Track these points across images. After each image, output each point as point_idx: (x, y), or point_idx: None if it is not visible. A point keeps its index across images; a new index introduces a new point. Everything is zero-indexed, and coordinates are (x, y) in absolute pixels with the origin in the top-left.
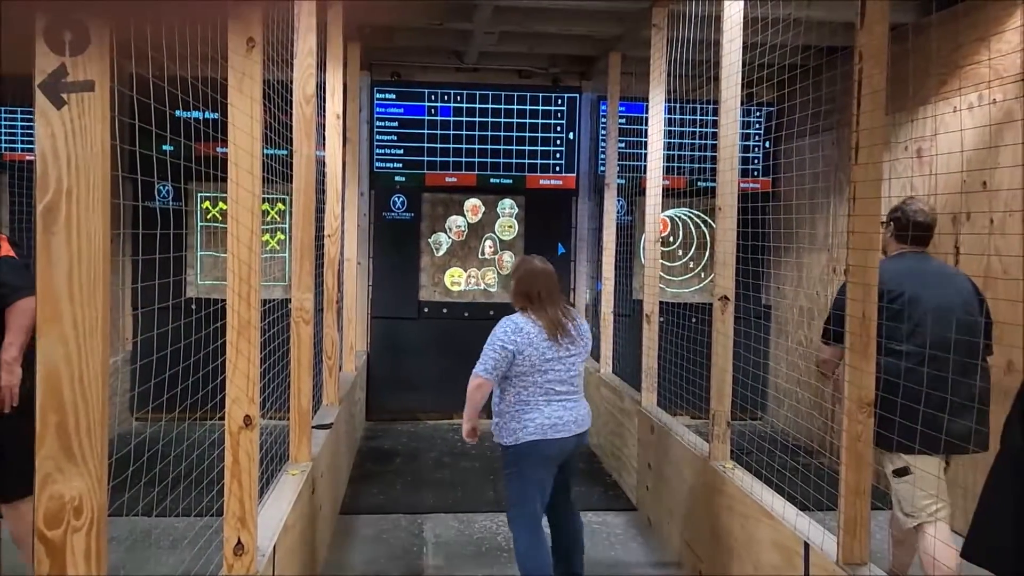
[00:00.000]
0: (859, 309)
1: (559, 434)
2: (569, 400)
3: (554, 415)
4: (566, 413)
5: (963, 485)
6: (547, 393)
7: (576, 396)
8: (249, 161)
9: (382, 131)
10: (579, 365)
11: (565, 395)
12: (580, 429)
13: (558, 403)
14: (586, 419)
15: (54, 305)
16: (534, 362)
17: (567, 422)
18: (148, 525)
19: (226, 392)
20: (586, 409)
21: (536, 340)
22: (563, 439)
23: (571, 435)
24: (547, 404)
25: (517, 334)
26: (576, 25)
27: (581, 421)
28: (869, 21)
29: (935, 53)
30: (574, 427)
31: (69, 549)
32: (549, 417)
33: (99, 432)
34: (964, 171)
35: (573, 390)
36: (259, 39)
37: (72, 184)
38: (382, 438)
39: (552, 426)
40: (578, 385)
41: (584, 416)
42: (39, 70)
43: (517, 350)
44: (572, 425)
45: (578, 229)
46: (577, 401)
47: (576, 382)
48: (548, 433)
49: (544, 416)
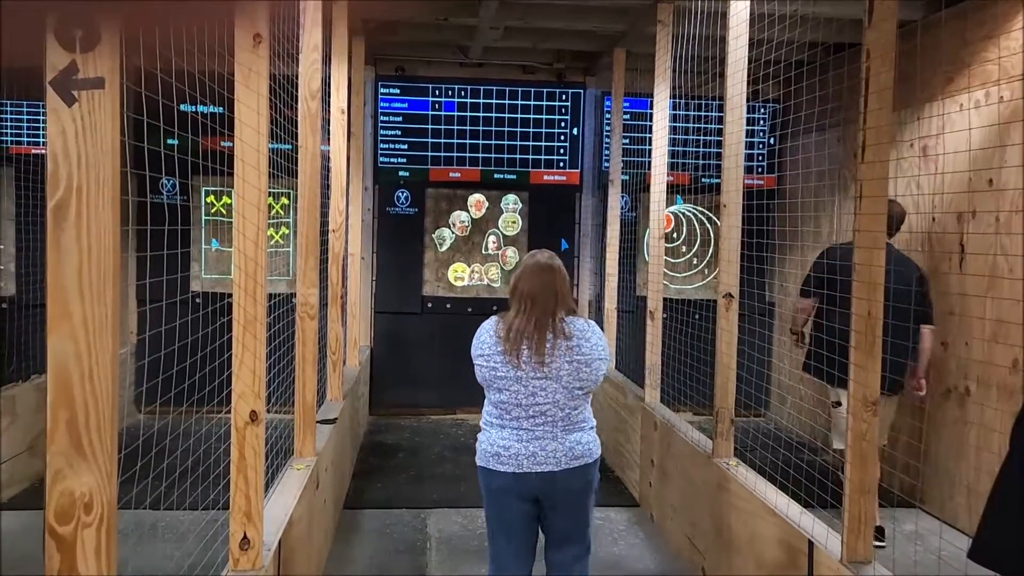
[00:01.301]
0: (865, 308)
1: (503, 466)
2: (531, 431)
3: (499, 443)
4: (518, 445)
5: (968, 484)
6: (502, 416)
7: (541, 431)
8: (255, 157)
9: (386, 126)
10: (552, 394)
11: (527, 425)
12: (540, 467)
13: (512, 430)
14: (559, 458)
15: (64, 302)
16: (485, 375)
17: (516, 455)
18: (154, 518)
19: (232, 388)
20: (564, 448)
21: (488, 351)
22: (515, 475)
23: (528, 471)
24: (500, 428)
25: (476, 338)
26: (580, 21)
27: (545, 459)
28: (877, 19)
29: (942, 50)
30: (528, 463)
31: (79, 544)
32: (493, 444)
33: (109, 428)
34: (970, 170)
35: (540, 423)
36: (266, 35)
37: (82, 181)
38: (385, 433)
39: (495, 455)
40: (554, 418)
41: (555, 454)
42: (50, 67)
43: (474, 356)
44: (524, 460)
45: (582, 225)
46: (542, 437)
47: (548, 413)
48: (491, 463)
49: (490, 442)
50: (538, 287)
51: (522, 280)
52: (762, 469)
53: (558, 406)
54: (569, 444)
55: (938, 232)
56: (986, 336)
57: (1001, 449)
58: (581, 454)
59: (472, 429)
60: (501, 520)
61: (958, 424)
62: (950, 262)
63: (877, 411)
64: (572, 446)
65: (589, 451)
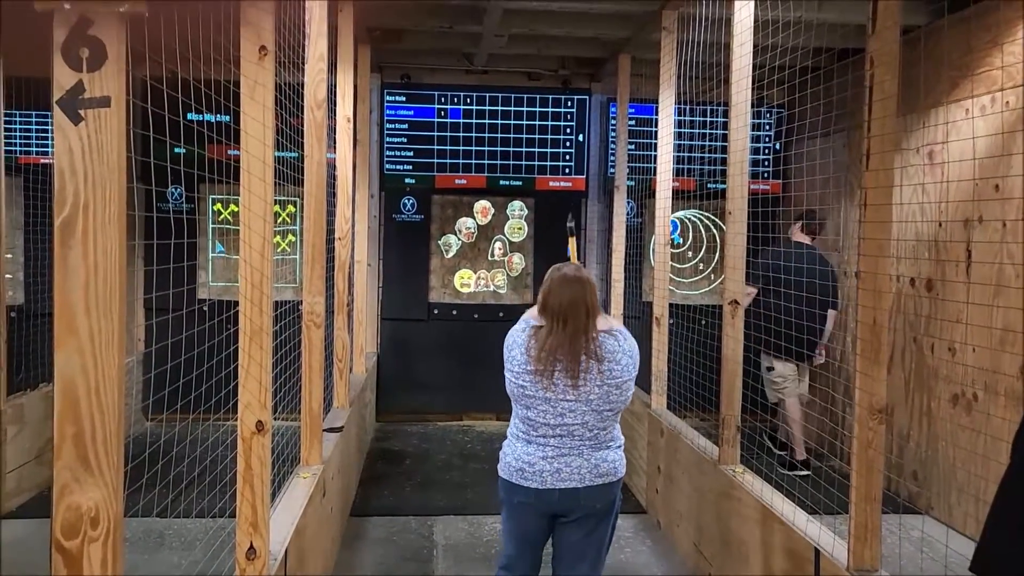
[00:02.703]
0: (870, 315)
1: (528, 482)
2: (557, 448)
3: (524, 458)
4: (543, 462)
5: (974, 493)
6: (528, 432)
7: (570, 447)
8: (261, 168)
9: (392, 133)
10: (582, 416)
11: (553, 443)
12: (563, 483)
13: (539, 447)
14: (583, 475)
15: (71, 318)
16: (514, 390)
17: (540, 471)
18: (161, 527)
19: (239, 398)
20: (589, 466)
21: (518, 368)
22: (537, 491)
23: (551, 488)
24: (526, 443)
25: (507, 350)
26: (585, 28)
27: (569, 475)
28: (881, 26)
29: (947, 56)
30: (552, 479)
31: (86, 559)
32: (519, 459)
33: (115, 443)
34: (976, 177)
35: (567, 441)
36: (271, 47)
37: (89, 199)
38: (392, 439)
39: (519, 470)
40: (582, 437)
41: (579, 470)
42: (57, 86)
43: (505, 367)
44: (548, 476)
45: (587, 231)
46: (568, 454)
47: (576, 433)
48: (514, 477)
49: (515, 456)
50: (568, 302)
51: (552, 295)
52: (768, 476)
53: (587, 427)
54: (595, 461)
55: (944, 239)
56: (992, 343)
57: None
58: (606, 472)
59: (479, 435)
60: (518, 531)
61: (965, 431)
62: (956, 269)
63: (883, 418)
64: (598, 463)
65: (614, 469)
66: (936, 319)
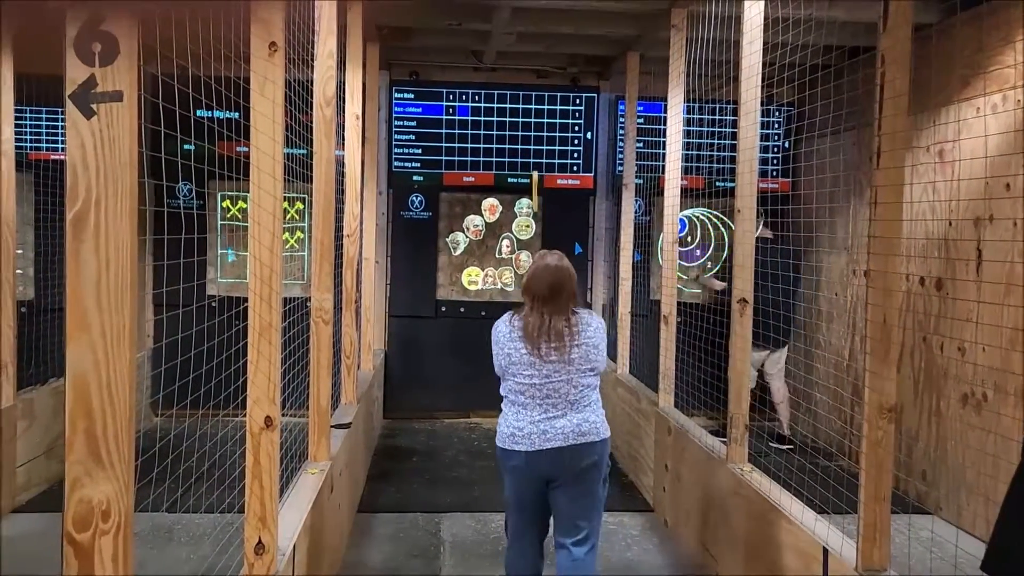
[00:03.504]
0: (880, 314)
1: (518, 445)
2: (546, 411)
3: (515, 425)
4: (531, 426)
5: (983, 493)
6: (515, 401)
7: (554, 412)
8: (271, 164)
9: (400, 130)
10: (567, 376)
11: (541, 405)
12: (550, 443)
13: (524, 413)
14: (567, 433)
15: (82, 313)
16: (501, 363)
17: (529, 435)
18: (170, 522)
19: (247, 393)
20: (576, 420)
21: (504, 340)
22: (528, 453)
23: (539, 449)
24: (513, 412)
25: (494, 330)
26: (594, 26)
27: (554, 435)
28: (892, 24)
29: (958, 54)
30: (539, 440)
31: (97, 552)
32: (509, 426)
33: (126, 437)
34: (988, 175)
35: (558, 402)
36: (281, 43)
37: (101, 193)
38: (399, 436)
39: (511, 436)
40: (571, 397)
41: (563, 430)
42: (69, 80)
43: (492, 346)
44: (536, 438)
45: (595, 229)
46: (553, 416)
47: (565, 393)
48: (507, 443)
49: (507, 424)
50: (549, 287)
51: (534, 280)
52: (776, 475)
53: (571, 384)
54: (576, 421)
55: (954, 238)
56: (1003, 343)
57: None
58: (587, 431)
59: (486, 433)
60: (516, 496)
61: (975, 431)
62: (967, 268)
63: (893, 418)
64: (579, 423)
65: (595, 429)
66: (946, 318)
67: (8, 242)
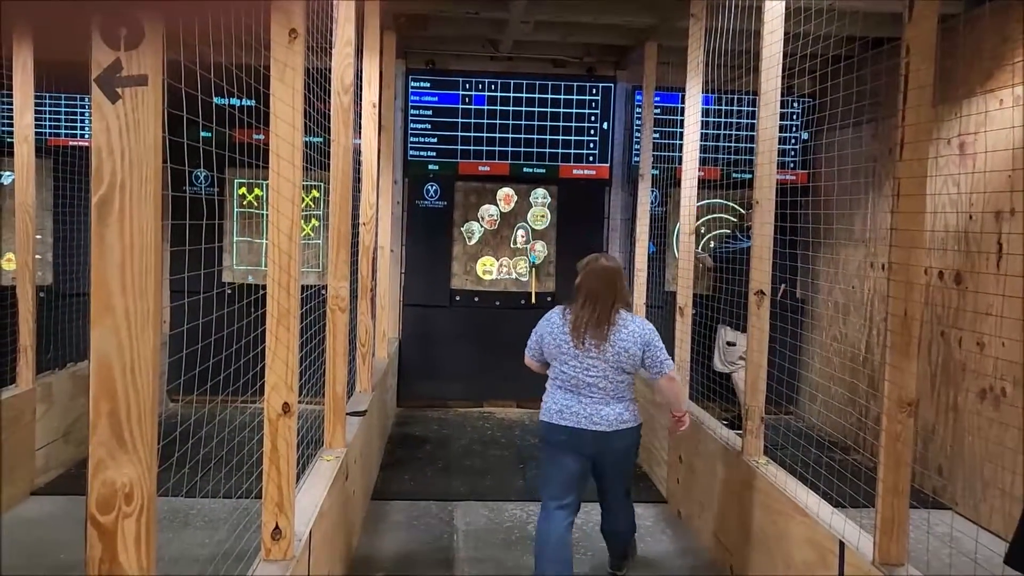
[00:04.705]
0: (901, 307)
1: (565, 421)
2: (585, 397)
3: (563, 402)
4: (578, 406)
5: (1001, 487)
6: (563, 385)
7: (596, 398)
8: (290, 151)
9: (416, 119)
10: (603, 370)
11: (581, 392)
12: (596, 427)
13: (573, 395)
14: (611, 421)
15: (107, 296)
16: (551, 351)
17: (575, 412)
18: (187, 506)
19: (265, 379)
20: (615, 413)
21: (556, 331)
22: (573, 429)
23: (583, 428)
24: (562, 393)
25: (544, 321)
26: (611, 15)
27: (600, 420)
28: (918, 14)
29: (984, 46)
30: (586, 422)
31: (120, 534)
32: (557, 403)
33: (149, 420)
34: (1011, 168)
35: (594, 392)
36: (302, 30)
37: (126, 177)
38: (413, 425)
39: (559, 411)
40: (609, 391)
41: (607, 417)
42: (95, 64)
43: (540, 336)
44: (583, 419)
45: (611, 219)
46: (597, 403)
47: (599, 384)
48: (555, 418)
49: (553, 401)
50: (601, 286)
51: (588, 279)
52: (792, 468)
53: (607, 379)
54: (617, 411)
55: (975, 231)
56: (1023, 337)
57: None
58: (626, 420)
59: (499, 423)
60: (556, 467)
61: (993, 425)
62: (987, 261)
63: (913, 411)
64: (620, 412)
65: (634, 417)
66: (965, 312)
67: (28, 227)
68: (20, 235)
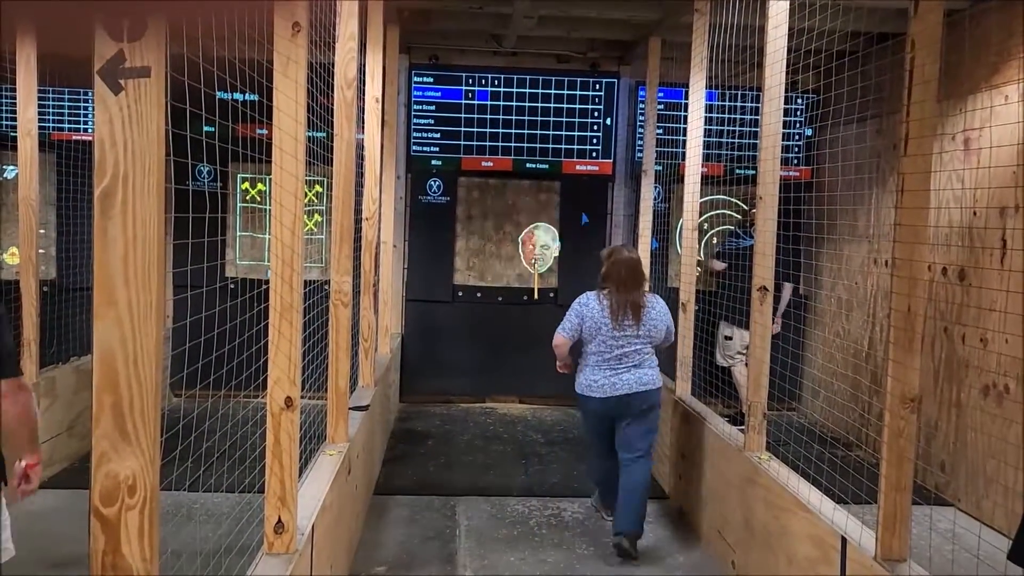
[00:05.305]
0: (904, 303)
1: (594, 393)
2: (616, 368)
3: (591, 377)
4: (604, 379)
5: (1004, 484)
6: (597, 361)
7: (627, 365)
8: (293, 145)
9: (419, 115)
10: (638, 343)
11: (614, 363)
12: (620, 391)
13: (602, 370)
14: (634, 383)
15: (110, 289)
16: (590, 331)
17: (603, 386)
18: (190, 500)
19: (268, 374)
20: (638, 375)
21: (595, 314)
22: (601, 399)
23: (609, 396)
24: (594, 369)
25: (583, 305)
26: (615, 10)
27: (624, 384)
28: (924, 9)
29: (989, 41)
30: (610, 390)
31: (123, 526)
32: (588, 378)
33: (152, 413)
34: (1015, 164)
35: (627, 361)
36: (305, 24)
37: (128, 169)
38: (415, 420)
39: (588, 386)
40: (636, 359)
41: (632, 380)
42: (98, 56)
43: (581, 318)
44: (608, 388)
45: (614, 215)
46: (628, 369)
47: (633, 356)
48: (586, 391)
49: (586, 376)
50: (629, 274)
51: (616, 268)
52: (794, 464)
53: (636, 349)
54: (638, 375)
55: (979, 227)
56: None
57: None
58: (647, 382)
59: (501, 418)
60: (593, 429)
61: (996, 421)
62: (991, 257)
63: (915, 408)
64: (640, 376)
65: (653, 379)
66: (968, 308)
67: (31, 222)
68: (23, 229)
